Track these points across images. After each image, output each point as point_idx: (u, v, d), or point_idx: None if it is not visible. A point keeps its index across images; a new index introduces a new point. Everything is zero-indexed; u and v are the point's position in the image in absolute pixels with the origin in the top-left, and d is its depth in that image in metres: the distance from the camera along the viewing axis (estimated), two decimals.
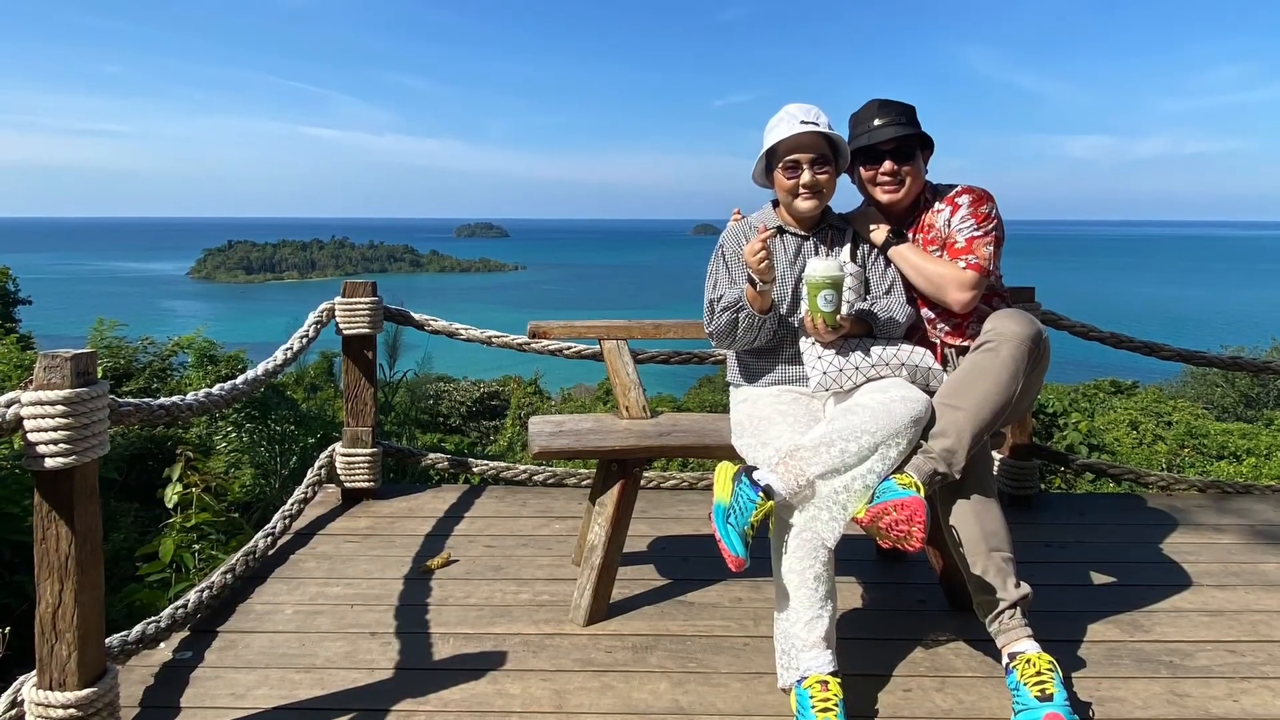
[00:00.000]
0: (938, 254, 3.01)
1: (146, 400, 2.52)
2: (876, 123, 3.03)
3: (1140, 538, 3.92)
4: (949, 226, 2.99)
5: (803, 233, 3.05)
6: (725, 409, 3.25)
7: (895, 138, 2.99)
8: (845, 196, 3.19)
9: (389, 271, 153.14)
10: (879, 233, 3.06)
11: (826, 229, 3.08)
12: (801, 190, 2.92)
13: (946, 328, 3.03)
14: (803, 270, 2.88)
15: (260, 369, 3.33)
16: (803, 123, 2.88)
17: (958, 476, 2.64)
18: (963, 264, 2.90)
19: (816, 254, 3.00)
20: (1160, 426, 8.63)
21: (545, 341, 4.19)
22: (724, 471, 2.63)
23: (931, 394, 2.78)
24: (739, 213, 3.23)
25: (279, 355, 3.54)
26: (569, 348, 4.35)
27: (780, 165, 2.94)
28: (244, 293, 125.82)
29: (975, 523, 2.65)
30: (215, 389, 2.92)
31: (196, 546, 3.77)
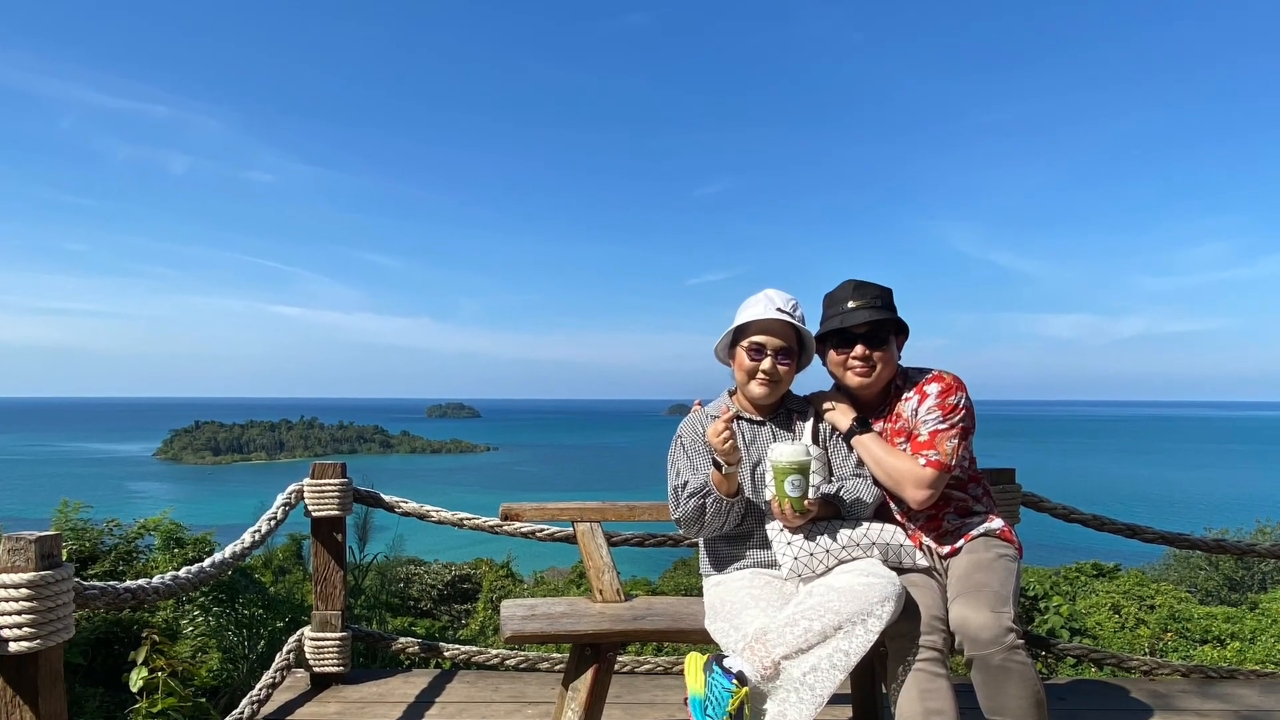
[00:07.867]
0: (904, 445, 2.98)
1: (112, 584, 2.52)
2: (851, 305, 2.99)
3: None
4: (915, 416, 2.97)
5: (759, 418, 3.12)
6: (700, 592, 3.24)
7: (869, 322, 2.95)
8: (813, 374, 3.17)
9: (359, 452, 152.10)
10: (844, 419, 3.05)
11: (784, 413, 3.13)
12: (760, 374, 2.98)
13: (920, 520, 3.04)
14: (760, 455, 2.96)
15: (228, 552, 3.30)
16: (779, 310, 2.94)
17: None
18: (922, 460, 2.87)
19: (774, 439, 3.05)
20: (1143, 610, 8.59)
21: (518, 524, 4.18)
22: (694, 663, 2.59)
23: (904, 571, 2.81)
24: (700, 404, 3.28)
25: (247, 538, 3.49)
26: (542, 530, 4.34)
27: (746, 344, 2.99)
28: (211, 474, 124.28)
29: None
30: (182, 572, 2.89)
31: None
